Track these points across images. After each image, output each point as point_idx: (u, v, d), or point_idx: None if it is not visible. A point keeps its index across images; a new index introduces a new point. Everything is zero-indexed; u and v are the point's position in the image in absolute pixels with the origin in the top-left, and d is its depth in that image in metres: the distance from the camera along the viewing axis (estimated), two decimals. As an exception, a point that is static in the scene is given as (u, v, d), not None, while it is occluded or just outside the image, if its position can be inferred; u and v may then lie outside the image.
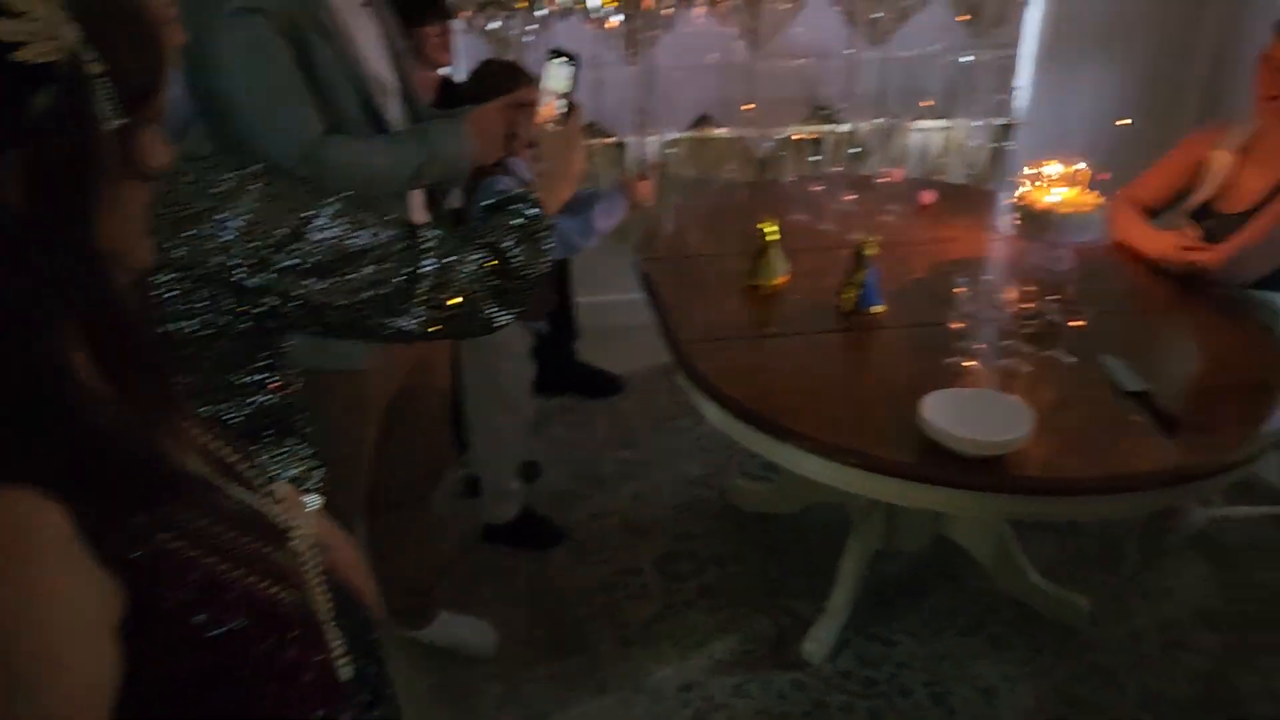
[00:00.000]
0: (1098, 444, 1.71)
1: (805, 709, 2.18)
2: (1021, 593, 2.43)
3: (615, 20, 3.39)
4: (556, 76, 1.43)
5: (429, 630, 2.30)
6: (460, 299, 1.16)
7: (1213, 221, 2.37)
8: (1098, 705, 2.18)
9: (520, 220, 1.23)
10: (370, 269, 1.11)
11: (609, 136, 3.58)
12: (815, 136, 3.70)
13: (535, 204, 1.26)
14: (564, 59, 1.44)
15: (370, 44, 1.73)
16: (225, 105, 1.58)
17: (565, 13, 3.37)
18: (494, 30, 3.36)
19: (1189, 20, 3.78)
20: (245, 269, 1.03)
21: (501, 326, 1.23)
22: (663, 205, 3.57)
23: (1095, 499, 1.66)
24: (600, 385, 3.41)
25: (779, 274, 2.25)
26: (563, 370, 3.39)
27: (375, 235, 1.12)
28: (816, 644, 2.27)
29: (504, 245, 1.20)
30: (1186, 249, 2.31)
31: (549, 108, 1.46)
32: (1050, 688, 2.22)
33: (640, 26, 3.41)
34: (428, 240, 1.16)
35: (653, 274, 2.35)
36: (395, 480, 2.02)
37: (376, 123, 1.70)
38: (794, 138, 3.68)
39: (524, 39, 3.37)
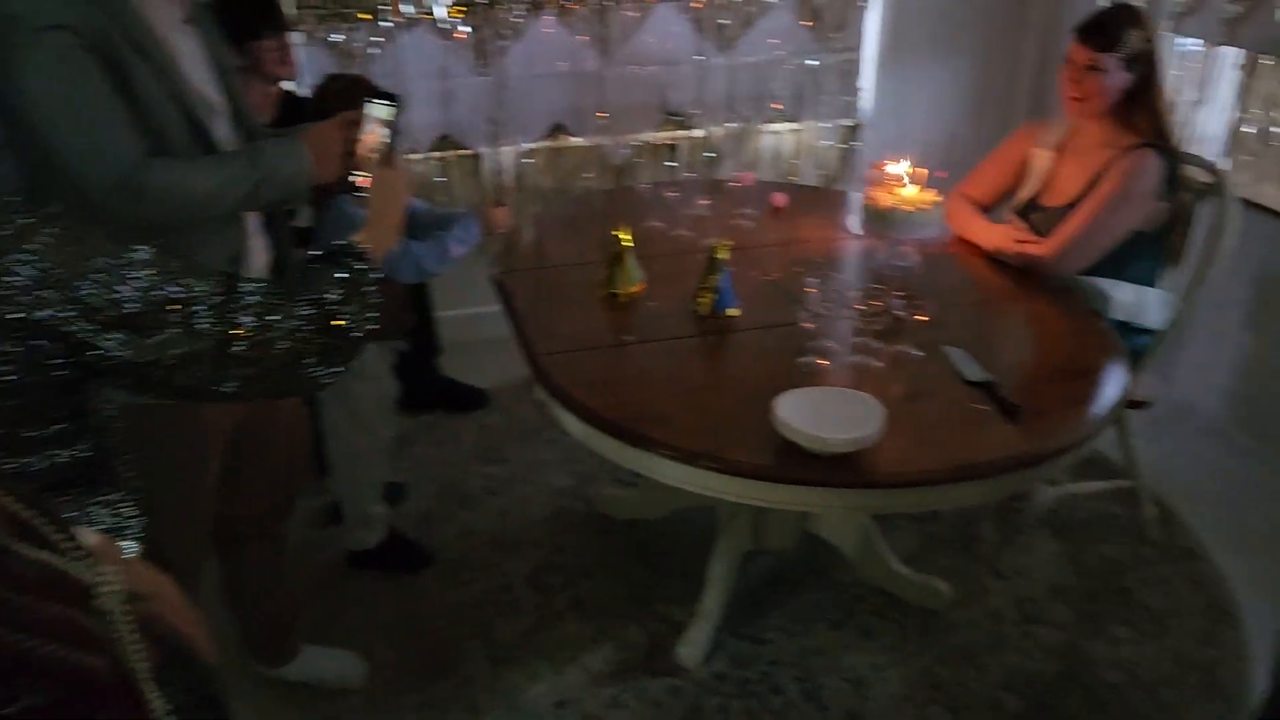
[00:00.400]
0: (946, 435, 1.77)
1: (681, 715, 2.18)
2: (886, 582, 2.49)
3: (463, 31, 3.33)
4: (380, 113, 1.44)
5: (292, 667, 2.21)
6: (282, 358, 1.10)
7: (1038, 215, 2.49)
8: (962, 685, 2.25)
9: (346, 275, 1.18)
10: (179, 325, 1.03)
11: (462, 149, 3.52)
12: (670, 142, 3.73)
13: (362, 256, 1.21)
14: (385, 100, 1.45)
15: (194, 62, 1.65)
16: (34, 129, 1.48)
17: (411, 24, 3.30)
18: (338, 43, 3.27)
19: (1015, 22, 3.96)
20: (39, 319, 0.95)
21: (328, 385, 1.18)
22: (520, 216, 3.55)
23: (946, 489, 1.71)
24: (465, 400, 3.35)
25: (635, 281, 2.24)
26: (427, 387, 3.32)
27: (189, 288, 1.04)
28: (690, 648, 2.27)
29: (329, 302, 1.14)
30: (1019, 240, 2.42)
31: (372, 136, 1.46)
32: (917, 672, 2.28)
33: (489, 36, 3.36)
34: (247, 295, 1.09)
35: (509, 286, 2.31)
36: (243, 513, 1.93)
37: (204, 144, 1.62)
38: (650, 144, 3.70)
39: (369, 50, 3.28)
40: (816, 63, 3.72)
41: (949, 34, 3.88)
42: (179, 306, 1.03)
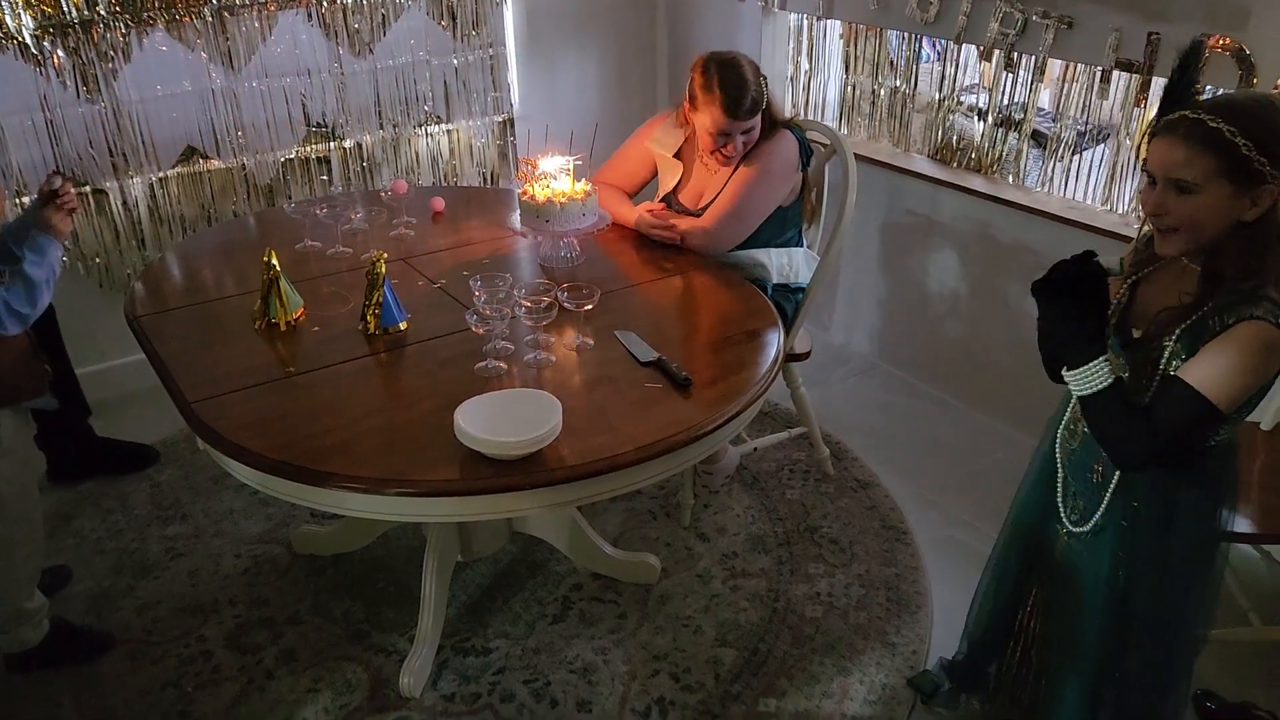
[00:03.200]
0: (627, 417, 1.81)
1: (414, 746, 2.11)
2: (600, 566, 2.54)
3: (59, 56, 2.99)
4: None
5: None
6: None
7: (678, 207, 2.64)
8: (682, 650, 2.33)
9: None
10: None
11: (83, 185, 3.17)
12: (321, 155, 3.56)
13: None
14: None
15: None
16: None
17: (-6, 50, 2.91)
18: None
19: (644, 14, 4.14)
20: None
21: None
22: (158, 249, 3.26)
23: (634, 470, 1.74)
24: (129, 460, 3.04)
25: (293, 308, 2.12)
26: (81, 452, 2.98)
27: None
28: (412, 675, 2.20)
29: None
30: (657, 214, 2.55)
31: None
32: (638, 647, 2.34)
33: (93, 59, 3.04)
34: None
35: (151, 330, 2.11)
36: None
37: None
38: (300, 159, 3.51)
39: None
40: (460, 62, 3.69)
41: (581, 25, 4.00)
42: None
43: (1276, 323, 1.35)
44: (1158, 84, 2.50)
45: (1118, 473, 1.58)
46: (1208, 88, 2.31)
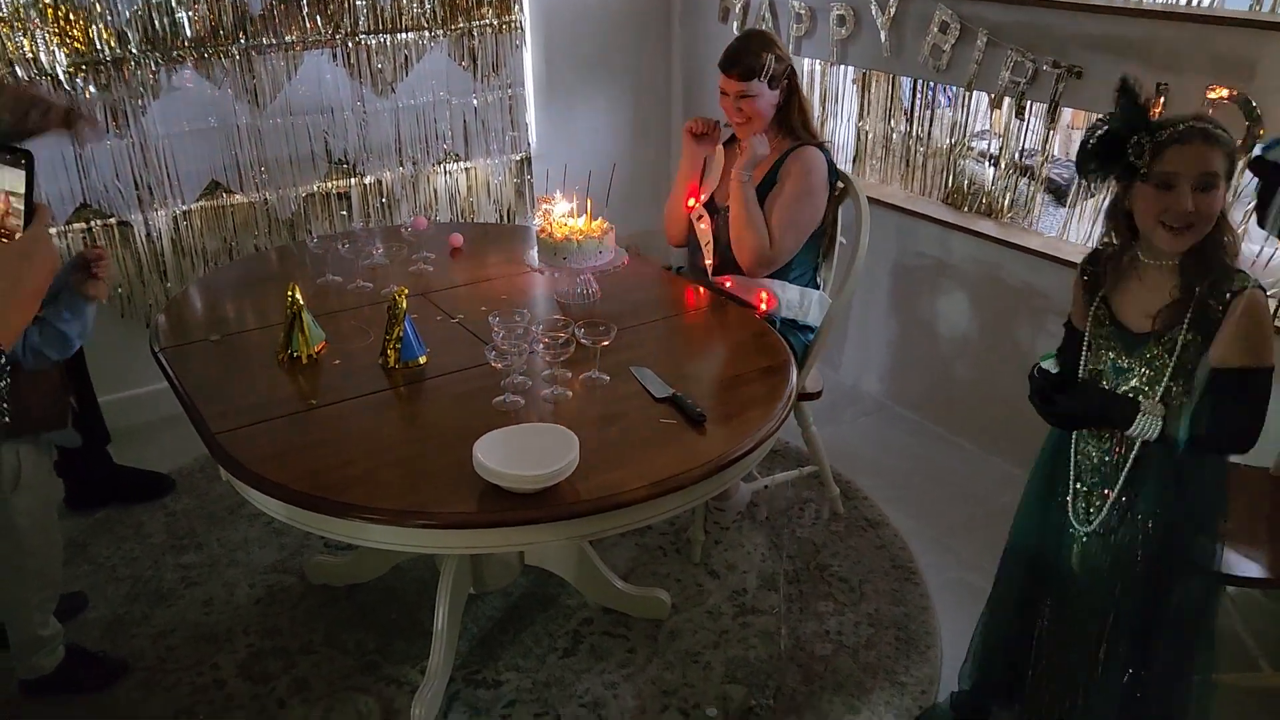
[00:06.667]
0: (641, 452, 1.83)
1: (424, 777, 2.12)
2: (610, 601, 2.55)
3: (91, 91, 3.07)
4: (5, 177, 1.26)
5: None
6: None
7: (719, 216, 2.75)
8: (691, 686, 2.34)
9: None
10: None
11: (109, 217, 3.24)
12: (342, 191, 3.63)
13: None
14: (10, 158, 1.27)
15: None
16: None
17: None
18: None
19: (659, 53, 4.23)
20: None
21: None
22: (180, 281, 3.32)
23: (648, 505, 1.76)
24: (146, 488, 3.08)
25: (315, 341, 2.16)
26: (99, 480, 3.02)
27: None
28: (423, 707, 2.20)
29: None
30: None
31: (5, 201, 1.28)
32: (648, 683, 2.35)
33: (123, 96, 3.12)
34: None
35: (175, 361, 2.15)
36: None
37: None
38: (320, 194, 3.58)
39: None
40: (479, 102, 3.76)
41: (598, 67, 4.08)
42: None
43: (1257, 285, 1.60)
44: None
45: (1132, 455, 1.72)
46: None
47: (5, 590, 2.19)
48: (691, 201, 2.79)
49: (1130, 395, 1.67)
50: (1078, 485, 1.82)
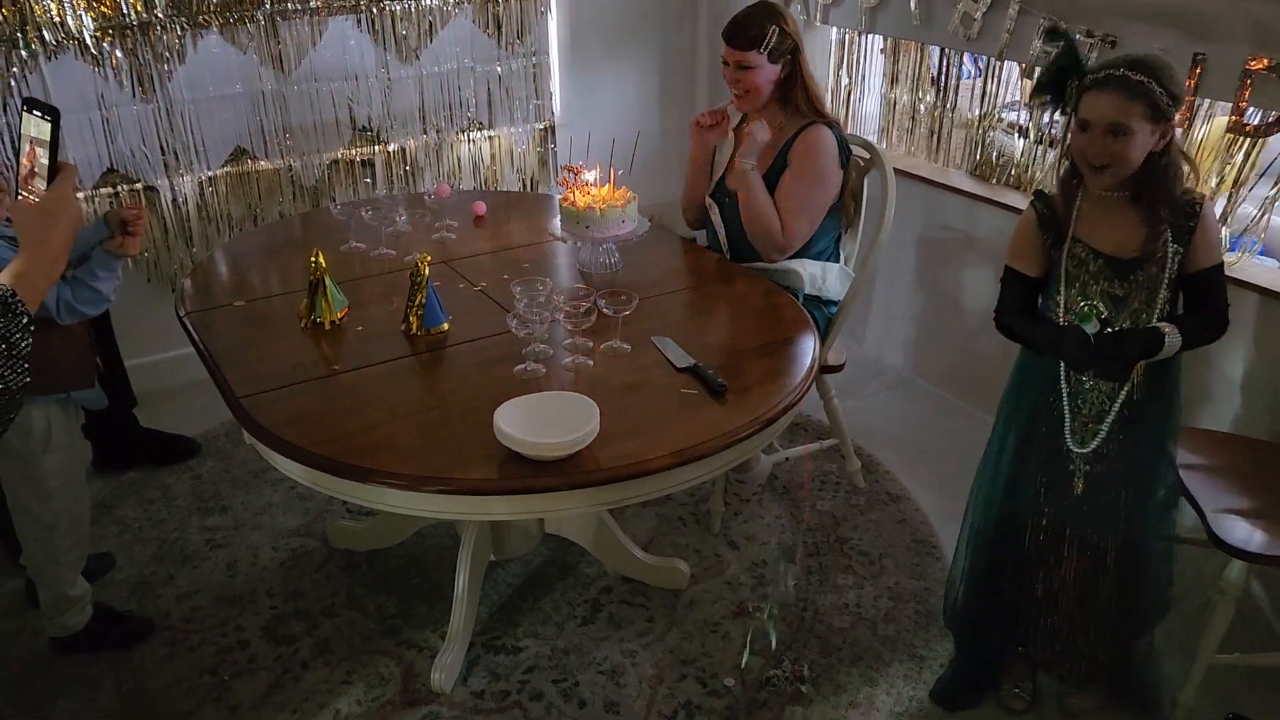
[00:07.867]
0: (661, 423, 1.83)
1: (443, 740, 2.15)
2: (629, 570, 2.56)
3: (118, 56, 3.07)
4: (36, 128, 1.28)
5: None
6: None
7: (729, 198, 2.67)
8: (709, 656, 2.35)
9: None
10: None
11: (135, 182, 3.26)
12: (366, 158, 3.63)
13: (8, 301, 1.08)
14: (39, 114, 1.28)
15: None
16: None
17: (55, 49, 3.00)
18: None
19: (685, 21, 4.18)
20: None
21: None
22: (205, 246, 3.34)
23: (668, 474, 1.76)
24: (172, 450, 3.11)
25: (338, 307, 2.17)
26: (126, 442, 3.06)
27: None
28: (443, 671, 2.23)
29: None
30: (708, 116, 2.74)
31: (30, 156, 1.30)
32: (666, 652, 2.36)
33: (148, 60, 3.12)
34: None
35: (200, 326, 2.17)
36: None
37: None
38: (344, 161, 3.58)
39: (10, 82, 2.96)
40: (504, 70, 3.74)
41: (623, 35, 4.04)
42: None
43: (1208, 197, 1.88)
44: (1203, 104, 2.50)
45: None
46: (1258, 112, 2.32)
47: (36, 549, 2.23)
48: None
49: (1134, 324, 1.83)
50: (1073, 415, 1.93)
